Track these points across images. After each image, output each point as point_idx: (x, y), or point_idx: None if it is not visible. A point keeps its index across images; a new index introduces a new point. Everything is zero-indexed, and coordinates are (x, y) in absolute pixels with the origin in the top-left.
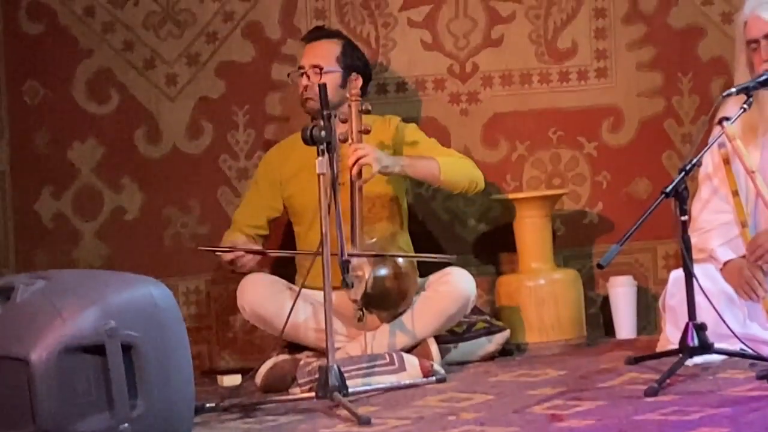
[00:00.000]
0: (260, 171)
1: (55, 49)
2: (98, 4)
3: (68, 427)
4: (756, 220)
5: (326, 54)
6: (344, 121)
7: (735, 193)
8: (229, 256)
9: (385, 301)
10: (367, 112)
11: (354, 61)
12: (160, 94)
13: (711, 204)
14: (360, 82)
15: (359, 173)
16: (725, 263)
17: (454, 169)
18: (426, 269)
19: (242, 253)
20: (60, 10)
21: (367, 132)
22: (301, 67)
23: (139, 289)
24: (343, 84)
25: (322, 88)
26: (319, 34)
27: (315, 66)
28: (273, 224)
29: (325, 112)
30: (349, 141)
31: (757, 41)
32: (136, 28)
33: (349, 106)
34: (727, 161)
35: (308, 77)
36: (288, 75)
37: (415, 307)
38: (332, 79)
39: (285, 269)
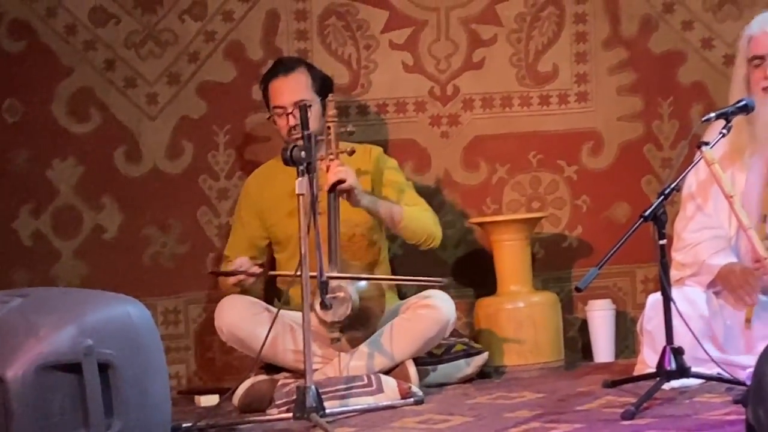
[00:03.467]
0: (241, 204)
1: (35, 67)
2: (80, 22)
3: None
4: (737, 244)
5: (302, 86)
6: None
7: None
8: (232, 280)
9: (360, 323)
10: (351, 133)
11: (323, 83)
12: (141, 114)
13: (696, 220)
14: (333, 102)
15: (335, 186)
16: (720, 268)
17: (416, 219)
18: (405, 291)
19: (244, 276)
20: (41, 28)
21: (351, 153)
22: (281, 107)
23: (116, 308)
24: (324, 111)
25: (303, 109)
26: (285, 68)
27: (298, 102)
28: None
29: (305, 133)
30: (327, 161)
31: (762, 57)
32: (118, 47)
33: (329, 127)
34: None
35: (294, 116)
36: (269, 119)
37: (394, 329)
38: (315, 111)
39: (265, 292)
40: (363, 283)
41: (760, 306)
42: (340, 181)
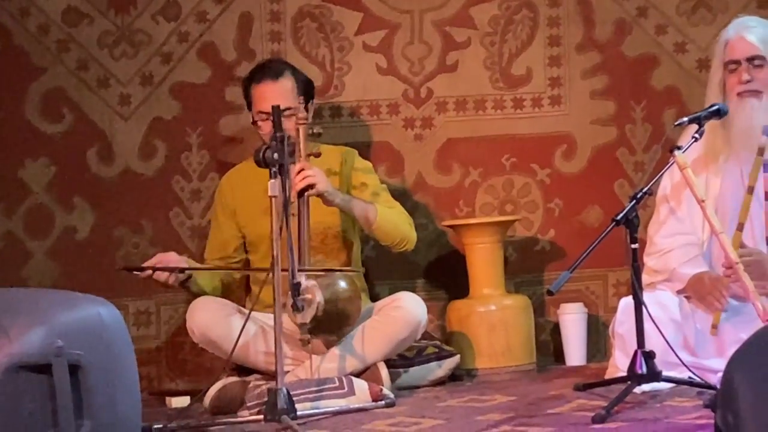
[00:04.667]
0: (216, 204)
1: (7, 67)
2: (53, 22)
3: None
4: (710, 249)
5: (288, 93)
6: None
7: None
8: (143, 275)
9: (331, 325)
10: (318, 135)
11: (306, 87)
12: (114, 114)
13: (668, 225)
14: (310, 105)
15: (303, 191)
16: (689, 279)
17: (391, 221)
18: (377, 293)
19: (151, 272)
20: (14, 27)
21: (318, 155)
22: (266, 113)
23: (87, 309)
24: (310, 115)
25: (276, 110)
26: (272, 72)
27: (285, 109)
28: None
29: (279, 135)
30: (296, 160)
31: (737, 62)
32: (91, 47)
33: (297, 129)
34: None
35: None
36: (253, 123)
37: (365, 332)
38: (300, 116)
39: (236, 293)
40: (341, 285)
41: (731, 311)
42: (310, 186)
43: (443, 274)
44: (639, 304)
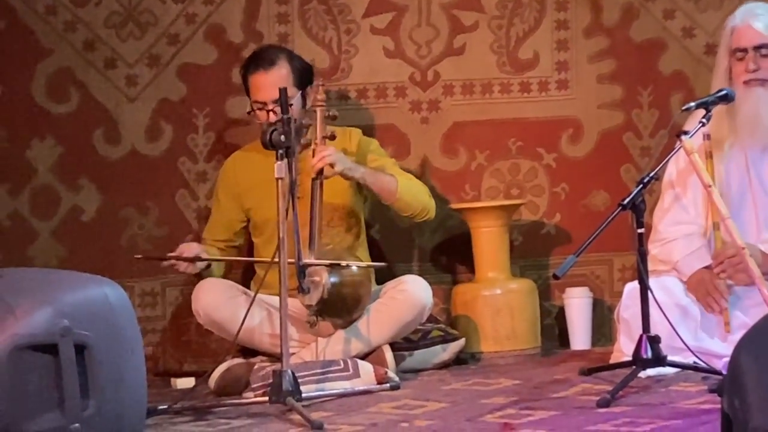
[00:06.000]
0: (219, 186)
1: (15, 47)
2: (60, 3)
3: (19, 425)
4: (712, 235)
5: (283, 80)
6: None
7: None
8: (164, 264)
9: (339, 308)
10: (334, 118)
11: (304, 74)
12: (120, 95)
13: (672, 213)
14: (321, 87)
15: (321, 171)
16: (690, 277)
17: (412, 191)
18: (382, 276)
19: (175, 262)
20: (21, 8)
21: (333, 138)
22: (261, 103)
23: (93, 289)
24: (305, 103)
25: (282, 91)
26: (265, 62)
27: (277, 99)
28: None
29: (285, 117)
30: (313, 145)
31: (744, 50)
32: (98, 27)
33: (314, 111)
34: (709, 156)
35: (274, 112)
36: (249, 113)
37: (370, 314)
38: (296, 104)
39: (242, 275)
40: (350, 269)
41: (736, 295)
42: (330, 166)
43: (449, 258)
44: (645, 289)
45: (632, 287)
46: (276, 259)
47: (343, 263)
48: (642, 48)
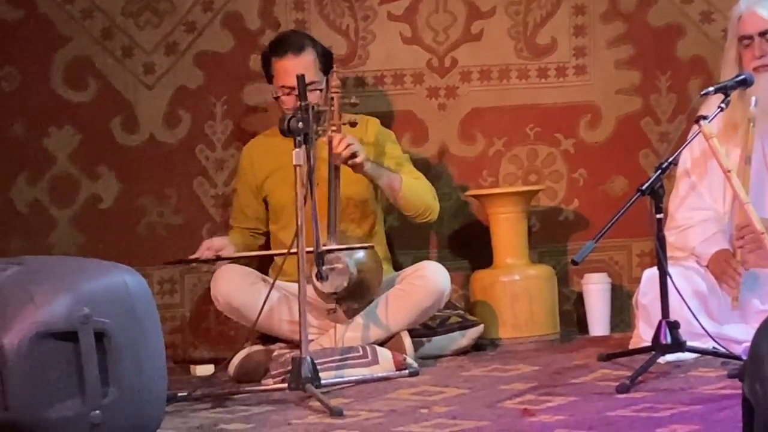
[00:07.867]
0: (239, 174)
1: (33, 35)
2: None
3: (40, 413)
4: (730, 222)
5: (311, 68)
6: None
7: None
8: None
9: (360, 294)
10: (354, 105)
11: (327, 60)
12: (138, 83)
13: (688, 200)
14: (336, 74)
15: (352, 156)
16: (709, 259)
17: (415, 190)
18: (400, 263)
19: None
20: None
21: (354, 125)
22: (288, 87)
23: (113, 276)
24: (327, 87)
25: (301, 79)
26: (294, 48)
27: (310, 83)
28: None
29: (304, 104)
30: (329, 131)
31: (750, 37)
32: (115, 15)
33: (332, 99)
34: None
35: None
36: (274, 97)
37: (389, 300)
38: (322, 90)
39: (260, 262)
40: (361, 254)
41: (755, 280)
42: (353, 155)
43: (467, 244)
44: (664, 275)
45: (651, 273)
46: (294, 250)
47: (352, 247)
48: (660, 33)
